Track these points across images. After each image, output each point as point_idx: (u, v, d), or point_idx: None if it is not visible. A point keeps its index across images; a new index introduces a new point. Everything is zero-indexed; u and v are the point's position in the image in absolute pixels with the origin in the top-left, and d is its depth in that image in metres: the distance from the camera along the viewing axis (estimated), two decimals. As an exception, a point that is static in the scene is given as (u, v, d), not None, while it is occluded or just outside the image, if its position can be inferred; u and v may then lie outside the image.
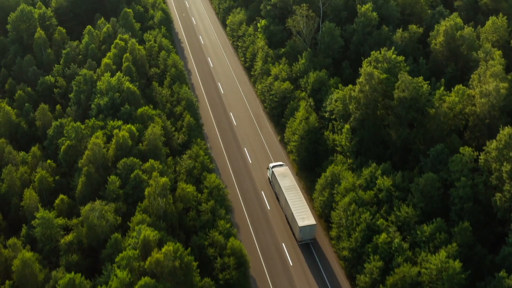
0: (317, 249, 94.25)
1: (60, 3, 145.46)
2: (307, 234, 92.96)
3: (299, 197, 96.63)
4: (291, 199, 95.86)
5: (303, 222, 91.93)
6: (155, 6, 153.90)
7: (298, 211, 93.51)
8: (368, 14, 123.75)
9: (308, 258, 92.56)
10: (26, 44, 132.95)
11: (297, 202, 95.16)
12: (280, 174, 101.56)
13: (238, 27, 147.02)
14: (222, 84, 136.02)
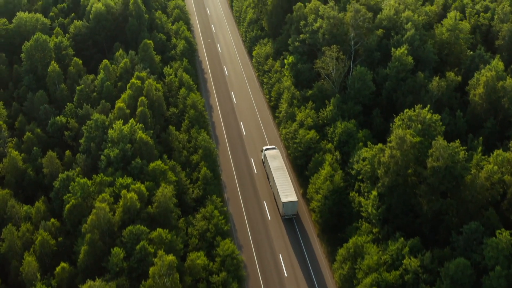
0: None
1: (79, 29, 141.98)
2: (289, 209, 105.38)
3: (285, 176, 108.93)
4: (278, 178, 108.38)
5: (286, 199, 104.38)
6: (178, 34, 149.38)
7: (283, 188, 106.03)
8: (403, 58, 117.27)
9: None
10: (40, 75, 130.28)
11: (283, 181, 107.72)
12: (271, 156, 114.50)
13: (265, 61, 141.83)
14: (245, 123, 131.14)
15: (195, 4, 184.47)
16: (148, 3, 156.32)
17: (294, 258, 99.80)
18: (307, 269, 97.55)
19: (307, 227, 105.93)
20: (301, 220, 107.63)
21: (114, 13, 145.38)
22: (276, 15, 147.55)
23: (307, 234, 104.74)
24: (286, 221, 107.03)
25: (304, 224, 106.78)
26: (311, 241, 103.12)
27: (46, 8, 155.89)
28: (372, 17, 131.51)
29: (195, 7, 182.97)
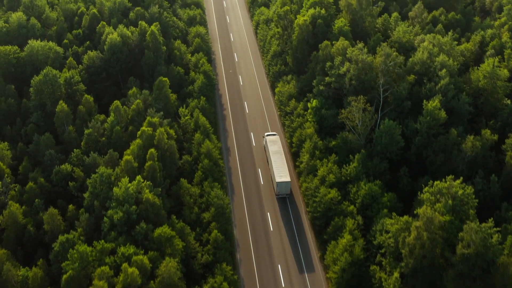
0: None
1: (92, 60, 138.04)
2: (283, 189, 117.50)
3: (281, 159, 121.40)
4: (275, 161, 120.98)
5: (280, 179, 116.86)
6: (197, 67, 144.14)
7: (278, 170, 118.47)
8: (435, 112, 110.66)
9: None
10: (49, 112, 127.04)
11: (279, 164, 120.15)
12: (271, 141, 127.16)
13: (287, 101, 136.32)
14: (263, 170, 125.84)
15: (218, 29, 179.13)
16: (167, 32, 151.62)
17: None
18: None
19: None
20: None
21: (130, 44, 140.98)
22: (301, 50, 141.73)
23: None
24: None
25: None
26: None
27: (60, 33, 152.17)
28: (404, 60, 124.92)
29: (218, 32, 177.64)
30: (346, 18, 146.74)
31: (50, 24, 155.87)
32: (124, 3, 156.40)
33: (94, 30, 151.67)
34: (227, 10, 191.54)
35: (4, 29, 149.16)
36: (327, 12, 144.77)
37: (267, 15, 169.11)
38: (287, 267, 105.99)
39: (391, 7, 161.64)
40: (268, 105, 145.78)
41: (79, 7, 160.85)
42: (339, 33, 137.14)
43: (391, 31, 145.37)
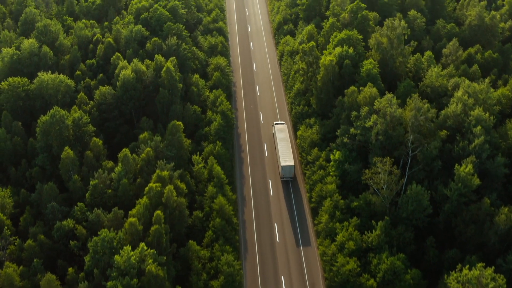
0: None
1: (104, 97, 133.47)
2: (287, 172, 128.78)
3: (287, 146, 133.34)
4: (281, 147, 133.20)
5: (285, 163, 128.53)
6: (215, 105, 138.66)
7: (283, 155, 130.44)
8: (467, 178, 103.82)
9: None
10: (55, 155, 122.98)
11: (285, 150, 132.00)
12: (279, 129, 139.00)
13: (309, 149, 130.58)
14: (279, 226, 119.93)
15: (241, 56, 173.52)
16: (184, 64, 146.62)
17: None
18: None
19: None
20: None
21: (144, 81, 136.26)
22: (326, 92, 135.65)
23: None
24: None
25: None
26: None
27: (73, 63, 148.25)
28: (436, 113, 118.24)
29: (240, 60, 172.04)
30: (375, 57, 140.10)
31: (63, 52, 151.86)
32: (141, 32, 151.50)
33: (109, 60, 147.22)
34: (251, 35, 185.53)
35: (16, 57, 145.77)
36: (355, 51, 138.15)
37: (292, 46, 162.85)
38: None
39: (424, 41, 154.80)
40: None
41: (94, 33, 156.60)
42: (367, 76, 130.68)
43: (423, 72, 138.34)
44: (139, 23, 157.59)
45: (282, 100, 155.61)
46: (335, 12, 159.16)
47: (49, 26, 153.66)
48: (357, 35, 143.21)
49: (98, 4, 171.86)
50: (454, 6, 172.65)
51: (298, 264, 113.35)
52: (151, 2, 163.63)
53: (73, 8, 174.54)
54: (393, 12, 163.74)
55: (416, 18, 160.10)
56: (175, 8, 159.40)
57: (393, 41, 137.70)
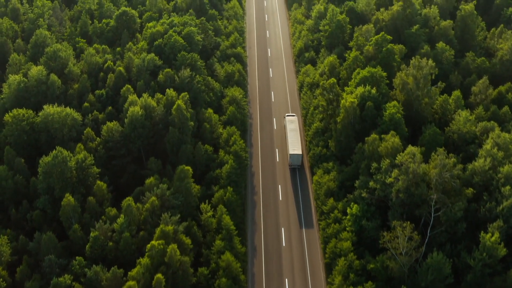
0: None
1: (112, 134, 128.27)
2: (295, 160, 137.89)
3: (296, 136, 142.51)
4: (291, 137, 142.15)
5: (293, 151, 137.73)
6: (228, 144, 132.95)
7: (292, 144, 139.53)
8: (493, 248, 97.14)
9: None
10: (57, 198, 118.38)
11: (294, 139, 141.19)
12: (289, 121, 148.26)
13: (325, 198, 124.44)
14: (290, 283, 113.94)
15: (259, 86, 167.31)
16: (198, 98, 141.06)
17: None
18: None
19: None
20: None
21: (153, 118, 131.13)
22: (346, 136, 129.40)
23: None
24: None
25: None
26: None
27: (82, 93, 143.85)
28: (462, 169, 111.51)
29: (258, 89, 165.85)
30: (400, 97, 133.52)
31: (72, 79, 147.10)
32: (153, 61, 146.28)
33: (119, 91, 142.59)
34: (271, 60, 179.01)
35: (22, 85, 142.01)
36: (378, 91, 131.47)
37: (313, 78, 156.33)
38: None
39: (452, 76, 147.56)
40: (304, 193, 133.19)
41: (106, 60, 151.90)
42: (390, 121, 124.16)
43: (450, 114, 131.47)
44: (152, 50, 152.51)
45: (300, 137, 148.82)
46: (358, 43, 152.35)
47: (59, 52, 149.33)
48: (381, 72, 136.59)
49: (112, 26, 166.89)
50: (485, 35, 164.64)
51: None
52: (166, 27, 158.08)
53: (86, 28, 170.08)
54: (420, 43, 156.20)
55: (444, 51, 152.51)
56: (190, 35, 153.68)
57: (419, 81, 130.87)
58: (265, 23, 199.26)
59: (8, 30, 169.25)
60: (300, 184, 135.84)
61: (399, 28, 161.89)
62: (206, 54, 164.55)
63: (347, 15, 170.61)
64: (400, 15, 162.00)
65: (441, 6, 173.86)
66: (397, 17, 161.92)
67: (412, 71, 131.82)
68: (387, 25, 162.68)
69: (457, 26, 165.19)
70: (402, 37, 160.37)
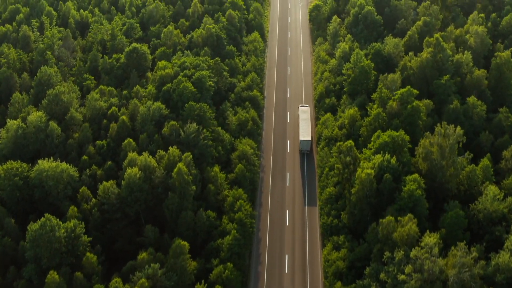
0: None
1: (108, 196, 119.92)
2: (304, 146, 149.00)
3: (307, 124, 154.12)
4: (302, 125, 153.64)
5: (303, 137, 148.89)
6: (233, 211, 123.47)
7: (302, 131, 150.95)
8: None
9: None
10: (45, 268, 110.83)
11: (305, 127, 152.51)
12: (302, 111, 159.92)
13: (333, 279, 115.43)
14: None
15: (275, 133, 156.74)
16: (204, 153, 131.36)
17: None
18: None
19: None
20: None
21: (153, 180, 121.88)
22: (360, 209, 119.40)
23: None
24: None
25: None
26: None
27: (82, 144, 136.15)
28: (485, 265, 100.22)
29: (274, 137, 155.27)
30: (422, 166, 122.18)
31: (73, 127, 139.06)
32: (159, 110, 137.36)
33: (121, 142, 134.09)
34: (289, 102, 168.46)
35: (21, 131, 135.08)
36: (399, 160, 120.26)
37: (332, 130, 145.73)
38: None
39: (483, 136, 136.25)
40: (313, 269, 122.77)
41: (110, 105, 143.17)
42: (409, 198, 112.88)
43: (477, 186, 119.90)
44: (160, 96, 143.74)
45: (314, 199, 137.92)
46: (382, 96, 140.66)
47: (61, 95, 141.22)
48: (403, 135, 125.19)
49: (122, 63, 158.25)
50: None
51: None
52: (177, 70, 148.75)
53: (96, 63, 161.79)
54: (450, 96, 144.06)
55: (475, 107, 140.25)
56: (202, 80, 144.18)
57: (444, 151, 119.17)
58: (287, 58, 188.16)
59: (15, 62, 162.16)
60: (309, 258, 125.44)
61: (428, 77, 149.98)
62: (219, 96, 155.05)
63: (373, 58, 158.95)
64: (430, 63, 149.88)
65: (475, 50, 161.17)
66: (426, 65, 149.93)
67: (437, 139, 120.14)
68: (415, 73, 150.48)
69: (491, 75, 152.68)
70: (430, 87, 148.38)
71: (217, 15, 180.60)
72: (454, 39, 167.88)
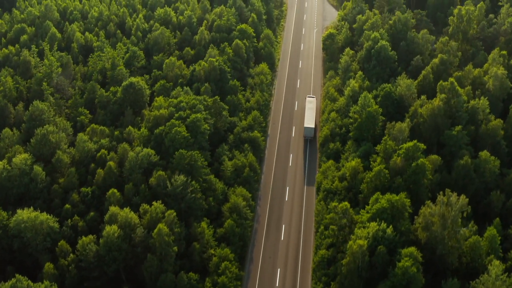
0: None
1: (85, 253, 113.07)
2: (308, 132, 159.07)
3: (312, 113, 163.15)
4: (307, 113, 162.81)
5: (307, 125, 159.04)
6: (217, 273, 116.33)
7: (307, 119, 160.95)
8: None
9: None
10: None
11: (310, 116, 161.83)
12: (309, 101, 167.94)
13: None
14: None
15: (274, 179, 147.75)
16: (192, 206, 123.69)
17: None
18: None
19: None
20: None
21: (133, 239, 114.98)
22: (351, 283, 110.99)
23: None
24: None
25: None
26: None
27: (67, 189, 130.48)
28: None
29: (272, 183, 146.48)
30: (421, 236, 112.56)
31: (60, 170, 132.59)
32: (148, 157, 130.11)
33: (108, 189, 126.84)
34: (293, 144, 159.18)
35: (5, 173, 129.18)
36: (396, 229, 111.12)
37: (332, 181, 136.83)
38: None
39: (494, 195, 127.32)
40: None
41: (100, 147, 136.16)
42: (403, 275, 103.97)
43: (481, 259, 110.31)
44: (152, 139, 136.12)
45: (308, 258, 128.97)
46: (387, 148, 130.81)
47: (50, 135, 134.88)
48: (404, 199, 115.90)
49: (118, 98, 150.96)
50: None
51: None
52: (172, 110, 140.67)
53: (94, 94, 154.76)
54: (461, 150, 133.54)
55: (488, 162, 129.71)
56: (196, 124, 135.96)
57: (446, 221, 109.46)
58: (295, 91, 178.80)
59: (12, 91, 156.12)
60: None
61: (439, 125, 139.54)
62: (218, 137, 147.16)
63: (382, 100, 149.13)
64: (441, 111, 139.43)
65: (493, 94, 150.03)
66: (438, 113, 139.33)
67: (440, 209, 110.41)
68: (426, 121, 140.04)
69: (508, 124, 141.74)
70: (441, 137, 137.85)
71: (223, 45, 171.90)
72: (471, 80, 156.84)
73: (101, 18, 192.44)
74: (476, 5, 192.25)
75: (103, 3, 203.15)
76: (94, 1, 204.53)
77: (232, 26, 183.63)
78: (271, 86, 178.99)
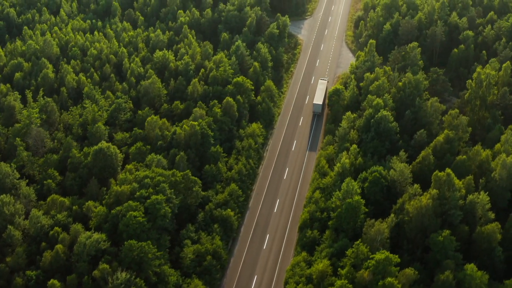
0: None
1: None
2: (317, 108, 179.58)
3: (322, 93, 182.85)
4: (317, 92, 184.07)
5: (316, 101, 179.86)
6: None
7: (317, 97, 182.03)
8: None
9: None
10: None
11: (320, 94, 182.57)
12: (320, 83, 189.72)
13: None
14: None
15: (242, 271, 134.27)
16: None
17: None
18: None
19: None
20: None
21: None
22: None
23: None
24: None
25: None
26: None
27: (13, 271, 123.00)
28: None
29: (239, 276, 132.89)
30: None
31: (11, 245, 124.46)
32: (97, 244, 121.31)
33: (53, 274, 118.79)
34: (272, 225, 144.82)
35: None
36: None
37: (296, 282, 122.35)
38: None
39: None
40: None
41: (55, 223, 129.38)
42: None
43: None
44: (109, 219, 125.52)
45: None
46: (359, 256, 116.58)
47: (4, 207, 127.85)
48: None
49: (88, 162, 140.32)
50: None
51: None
52: (135, 187, 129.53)
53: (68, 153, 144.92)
54: (447, 260, 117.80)
55: (474, 278, 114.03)
56: (156, 207, 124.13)
57: None
58: (288, 156, 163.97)
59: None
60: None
61: (426, 227, 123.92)
62: (187, 214, 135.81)
63: (370, 186, 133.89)
64: (430, 211, 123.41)
65: (499, 185, 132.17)
66: (425, 213, 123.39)
67: None
68: (412, 220, 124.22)
69: (508, 226, 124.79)
70: (426, 240, 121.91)
71: (212, 103, 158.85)
72: (478, 163, 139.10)
73: (100, 56, 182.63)
74: (502, 63, 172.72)
75: (105, 39, 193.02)
76: (97, 36, 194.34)
77: (229, 77, 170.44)
78: (264, 148, 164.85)
